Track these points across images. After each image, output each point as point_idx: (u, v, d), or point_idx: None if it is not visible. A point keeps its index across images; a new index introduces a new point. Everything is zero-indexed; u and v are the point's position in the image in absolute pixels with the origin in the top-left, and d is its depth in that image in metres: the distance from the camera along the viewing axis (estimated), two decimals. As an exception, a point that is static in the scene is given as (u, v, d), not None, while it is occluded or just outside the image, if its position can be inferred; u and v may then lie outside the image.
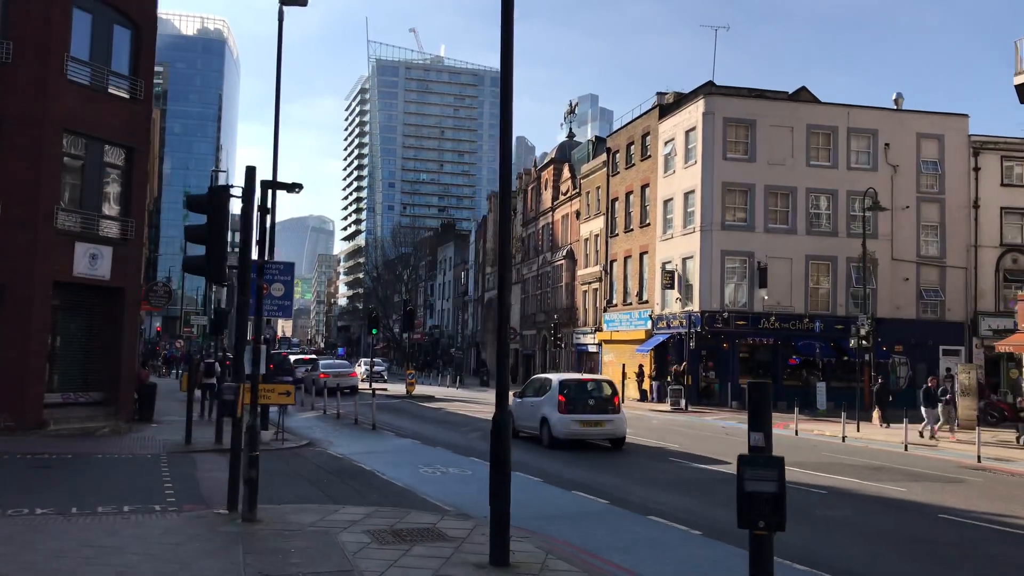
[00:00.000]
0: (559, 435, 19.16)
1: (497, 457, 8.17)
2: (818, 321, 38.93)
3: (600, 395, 19.81)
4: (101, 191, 20.37)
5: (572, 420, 19.05)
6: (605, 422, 19.27)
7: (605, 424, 19.28)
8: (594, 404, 19.44)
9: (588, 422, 19.15)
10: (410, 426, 24.42)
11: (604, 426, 19.30)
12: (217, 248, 10.22)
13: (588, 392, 19.79)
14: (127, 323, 20.71)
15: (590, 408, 19.32)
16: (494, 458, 8.20)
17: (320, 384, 39.31)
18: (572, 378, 20.89)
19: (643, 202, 45.64)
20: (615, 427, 19.44)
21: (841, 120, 40.36)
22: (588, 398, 19.55)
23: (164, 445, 18.52)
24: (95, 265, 19.82)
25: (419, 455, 17.73)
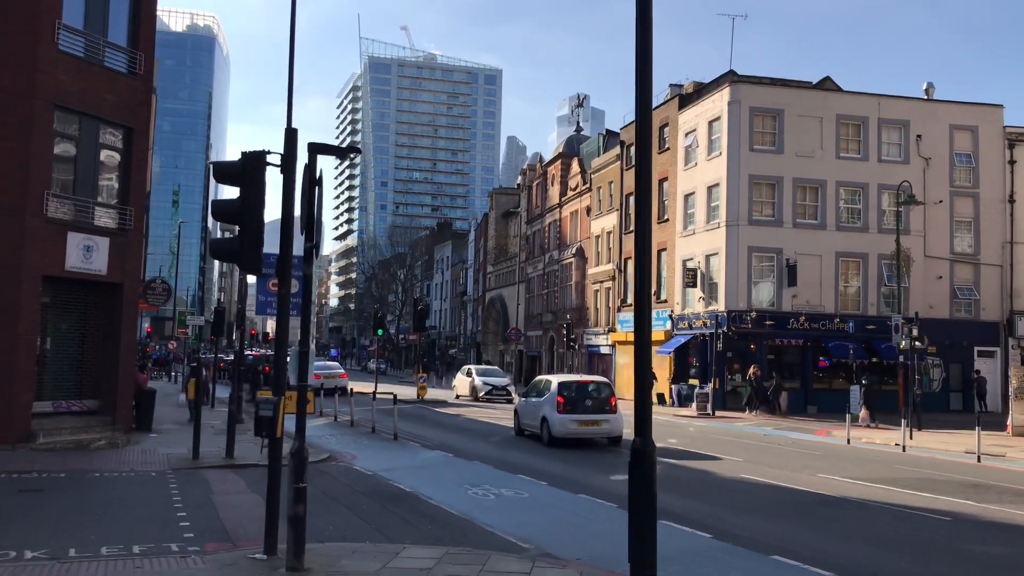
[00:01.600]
0: (557, 434, 20.01)
1: (640, 499, 6.19)
2: (851, 321, 37.01)
3: (597, 396, 20.69)
4: (96, 176, 18.26)
5: (570, 420, 19.96)
6: (602, 422, 20.11)
7: (602, 424, 20.11)
8: (591, 404, 20.37)
9: (585, 422, 20.07)
10: (433, 435, 22.37)
11: (601, 425, 20.12)
12: (252, 229, 8.18)
13: (586, 393, 20.64)
14: (125, 322, 18.59)
15: (587, 408, 20.24)
16: (636, 500, 6.20)
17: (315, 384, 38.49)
18: (570, 379, 21.62)
19: (661, 197, 43.69)
20: (611, 426, 20.16)
21: (871, 110, 38.51)
22: (586, 399, 20.47)
23: (169, 460, 16.44)
24: (90, 258, 17.71)
25: (458, 472, 15.70)
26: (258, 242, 8.25)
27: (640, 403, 6.40)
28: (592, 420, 20.05)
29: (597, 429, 20.12)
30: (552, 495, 13.09)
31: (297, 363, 8.14)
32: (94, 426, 17.85)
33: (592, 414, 20.13)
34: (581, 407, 20.16)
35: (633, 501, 6.24)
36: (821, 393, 37.67)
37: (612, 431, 20.22)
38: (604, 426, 20.09)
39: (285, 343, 8.42)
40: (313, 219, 7.95)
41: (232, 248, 8.29)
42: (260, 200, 8.25)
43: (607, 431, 20.18)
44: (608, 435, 20.28)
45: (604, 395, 20.79)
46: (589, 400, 20.43)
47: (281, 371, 8.47)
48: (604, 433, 20.20)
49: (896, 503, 12.97)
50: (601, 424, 20.08)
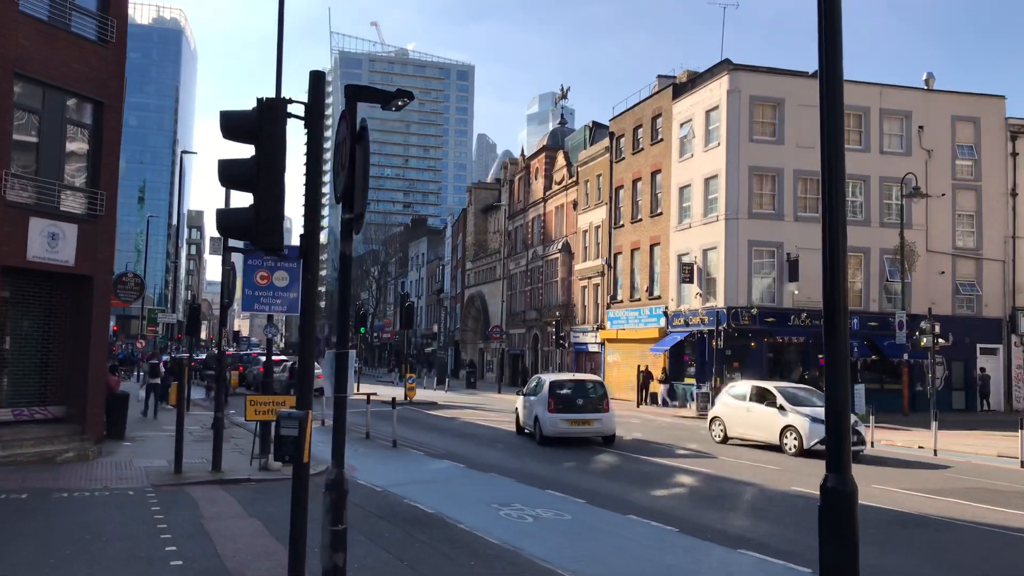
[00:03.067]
0: (548, 433, 20.20)
1: (836, 555, 4.48)
2: (855, 318, 35.73)
3: (590, 395, 20.70)
4: (63, 155, 16.26)
5: (560, 419, 20.14)
6: (593, 421, 20.20)
7: (593, 423, 20.21)
8: (583, 404, 20.35)
9: (576, 421, 20.14)
10: (435, 442, 20.61)
11: (592, 424, 20.22)
12: (270, 196, 6.41)
13: (577, 392, 20.65)
14: (96, 319, 16.61)
15: (579, 408, 20.21)
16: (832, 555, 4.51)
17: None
18: (562, 378, 21.63)
19: (654, 189, 42.18)
20: (603, 426, 20.28)
21: (873, 100, 37.27)
22: (577, 398, 20.46)
23: (147, 474, 14.53)
24: (55, 247, 15.73)
25: (478, 486, 13.96)
26: (277, 212, 6.48)
27: (836, 425, 4.71)
28: (583, 419, 20.10)
29: (588, 428, 20.21)
30: (597, 517, 11.40)
31: (333, 368, 6.33)
32: (61, 436, 15.87)
33: (583, 413, 20.16)
34: (573, 406, 20.25)
35: (827, 557, 4.55)
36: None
37: (604, 430, 20.37)
38: (595, 425, 20.19)
39: (311, 342, 6.64)
40: (354, 184, 6.17)
41: (244, 220, 6.50)
42: (280, 159, 6.47)
43: (598, 430, 20.30)
44: (600, 434, 20.42)
45: (597, 395, 20.76)
46: (581, 399, 20.49)
47: (306, 377, 6.68)
48: (595, 432, 20.30)
49: (983, 522, 11.48)
50: (592, 424, 20.19)
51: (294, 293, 17.93)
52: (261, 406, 15.25)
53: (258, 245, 6.46)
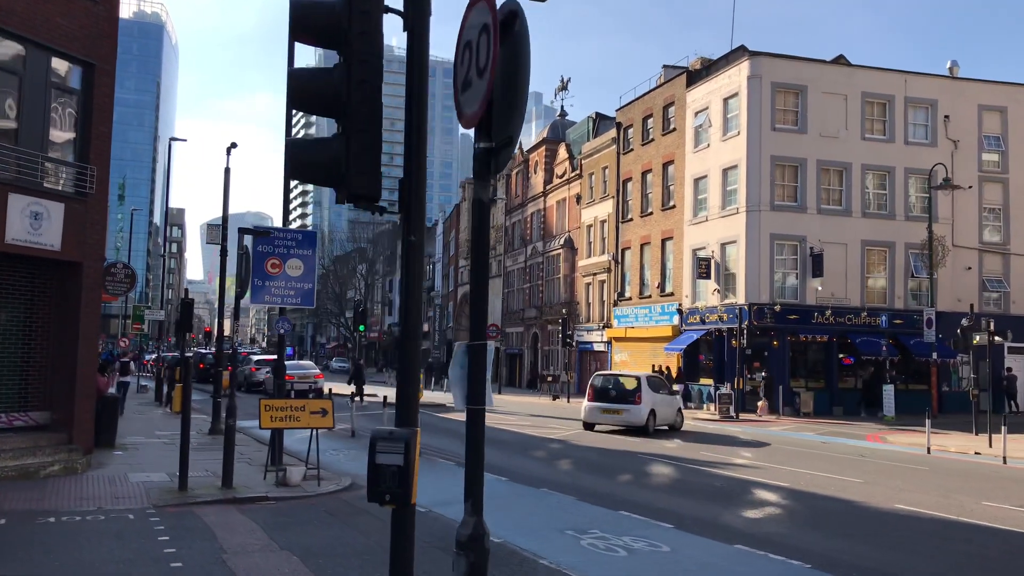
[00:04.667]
0: (586, 419, 23.65)
1: None
2: (883, 315, 34.08)
3: (623, 388, 23.34)
4: (47, 124, 14.16)
5: (595, 407, 23.27)
6: (623, 411, 22.80)
7: (622, 412, 22.80)
8: (616, 395, 23.23)
9: (607, 409, 23.05)
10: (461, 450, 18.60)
11: (621, 414, 22.82)
12: (364, 120, 4.45)
13: (613, 385, 23.68)
14: (86, 312, 14.51)
15: (612, 398, 23.18)
16: None
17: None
18: (604, 374, 25.58)
19: (665, 181, 40.38)
20: (631, 416, 22.64)
21: (897, 88, 35.66)
22: (612, 390, 23.43)
23: (147, 491, 12.48)
24: (39, 228, 13.64)
25: (537, 506, 12.01)
26: (374, 143, 4.54)
27: None
28: (614, 408, 22.91)
29: (618, 417, 22.79)
30: (700, 548, 9.49)
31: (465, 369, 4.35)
32: (45, 446, 13.78)
33: (615, 403, 23.00)
34: (606, 397, 23.20)
35: None
36: (847, 393, 34.77)
37: (632, 420, 22.65)
38: (624, 415, 22.73)
39: (417, 332, 4.68)
40: (499, 95, 4.18)
41: (327, 155, 4.53)
42: (377, 67, 4.56)
43: (627, 420, 22.70)
44: (629, 423, 22.72)
45: (630, 388, 23.11)
46: (615, 391, 23.29)
47: (410, 382, 4.70)
48: (625, 421, 22.75)
49: None
50: (622, 413, 22.78)
51: (308, 284, 15.96)
52: (278, 411, 13.29)
53: (348, 190, 4.50)
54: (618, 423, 22.83)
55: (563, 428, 24.66)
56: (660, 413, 23.57)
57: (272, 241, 15.58)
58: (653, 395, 23.39)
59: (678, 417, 25.08)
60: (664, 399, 24.29)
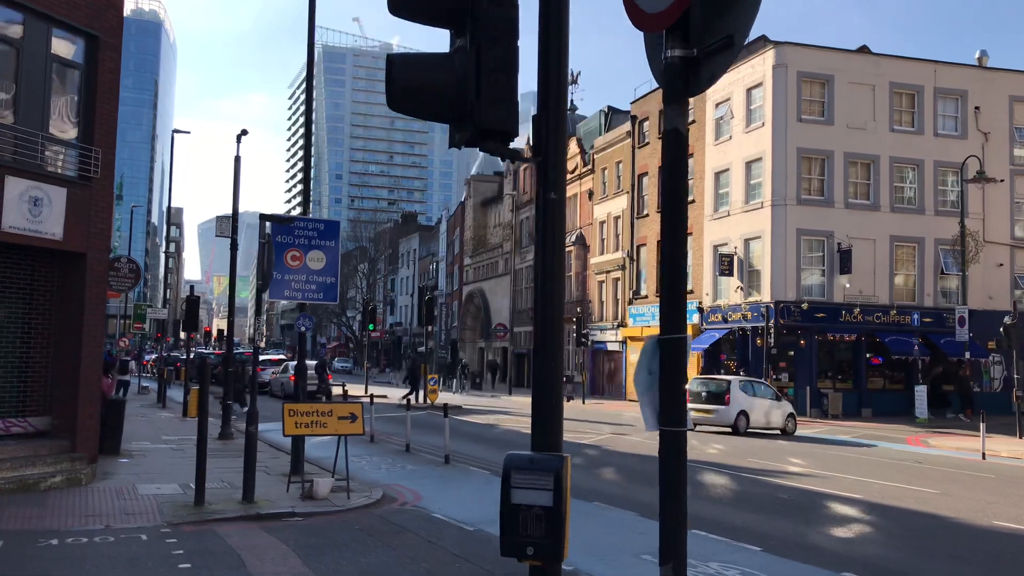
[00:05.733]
0: None
1: None
2: (914, 314, 32.90)
3: (712, 390, 24.54)
4: (47, 100, 12.88)
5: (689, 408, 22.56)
6: (713, 411, 24.01)
7: (713, 413, 24.01)
8: (707, 397, 24.35)
9: (699, 410, 24.02)
10: (492, 456, 17.36)
11: (711, 415, 24.06)
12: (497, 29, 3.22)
13: (705, 388, 24.79)
14: (90, 307, 13.22)
15: (704, 400, 24.27)
16: None
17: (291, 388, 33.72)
18: (700, 377, 26.41)
19: (684, 176, 39.06)
20: (720, 416, 23.91)
21: (927, 79, 34.45)
22: (704, 392, 24.53)
23: (159, 506, 11.22)
24: (39, 215, 12.37)
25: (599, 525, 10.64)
26: (512, 60, 3.28)
27: None
28: (705, 409, 24.02)
29: (709, 417, 24.03)
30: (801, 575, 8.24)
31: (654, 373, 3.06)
32: (46, 455, 12.51)
33: (706, 404, 24.12)
34: (698, 398, 24.16)
35: None
36: (875, 394, 33.57)
37: (721, 421, 23.89)
38: (713, 416, 23.93)
39: (557, 320, 3.44)
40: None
41: (447, 77, 3.29)
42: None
43: (716, 420, 23.93)
44: (718, 424, 23.98)
45: (719, 390, 24.29)
46: (705, 393, 24.36)
47: (551, 391, 3.45)
48: (715, 421, 24.01)
49: None
50: (712, 414, 23.98)
51: (331, 278, 14.71)
52: (303, 417, 12.04)
53: (476, 124, 3.25)
54: (710, 423, 24.10)
55: (592, 432, 23.43)
56: (755, 415, 24.29)
57: (292, 231, 14.34)
58: (746, 397, 24.24)
59: (788, 422, 25.07)
60: (761, 402, 24.77)
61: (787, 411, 25.31)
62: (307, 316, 14.92)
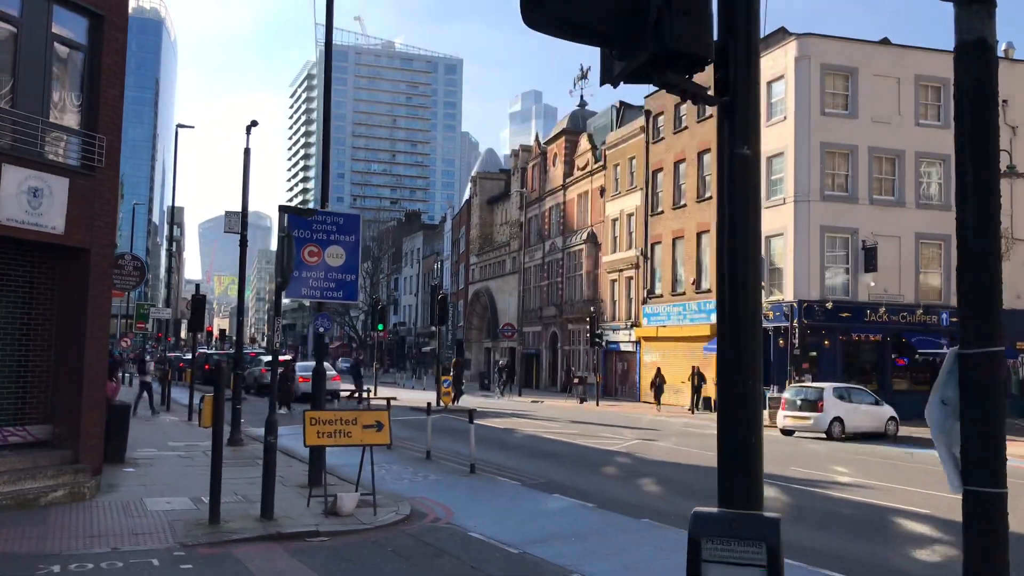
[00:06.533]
0: (779, 425, 25.38)
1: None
2: (943, 313, 31.93)
3: (807, 398, 24.94)
4: (48, 84, 11.92)
5: (785, 415, 25.18)
6: (809, 418, 24.46)
7: (808, 419, 24.45)
8: (802, 404, 24.84)
9: (795, 417, 24.78)
10: (518, 464, 16.42)
11: (807, 421, 24.50)
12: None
13: (800, 395, 25.27)
14: (94, 306, 12.25)
15: (799, 407, 24.87)
16: None
17: (299, 390, 33.19)
18: (796, 385, 26.95)
19: (701, 171, 38.16)
20: (815, 423, 24.27)
21: (952, 71, 33.37)
22: (799, 399, 25.06)
23: (171, 524, 10.25)
24: (39, 207, 11.41)
25: (658, 548, 9.70)
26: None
27: None
28: (800, 416, 24.61)
29: (805, 423, 24.50)
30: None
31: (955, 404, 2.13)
32: (46, 467, 11.54)
33: (801, 411, 24.66)
34: (794, 406, 24.91)
35: None
36: (900, 395, 32.48)
37: (816, 427, 24.30)
38: (808, 422, 24.42)
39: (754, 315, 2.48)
40: None
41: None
42: None
43: (811, 426, 24.38)
44: (813, 430, 24.41)
45: (813, 398, 24.69)
46: (801, 400, 24.96)
47: (749, 421, 2.49)
48: (809, 428, 24.45)
49: None
50: (808, 420, 24.43)
51: (351, 275, 13.72)
52: (325, 426, 11.08)
53: (660, 43, 2.27)
54: (806, 430, 24.59)
55: (617, 437, 22.45)
56: (850, 420, 24.68)
57: (310, 225, 13.39)
58: (840, 403, 24.75)
59: (889, 425, 25.75)
60: (857, 407, 25.26)
61: (887, 415, 25.90)
62: (326, 316, 13.95)
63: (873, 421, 25.46)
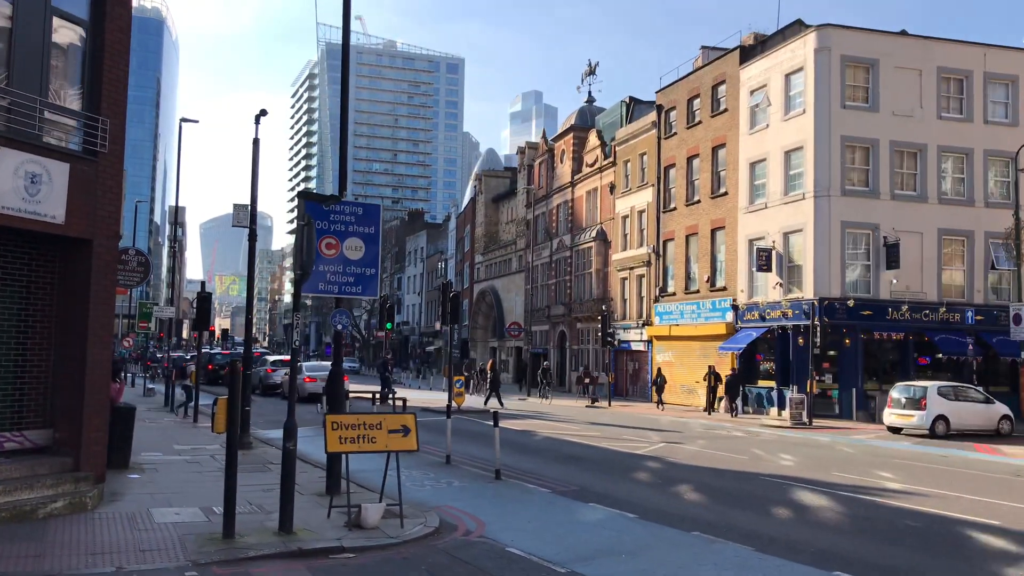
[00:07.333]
0: (886, 423, 26.02)
1: None
2: (967, 311, 31.08)
3: (911, 396, 25.27)
4: (47, 63, 11.07)
5: (892, 413, 25.62)
6: (912, 416, 24.84)
7: (912, 417, 24.83)
8: (906, 402, 25.21)
9: (900, 415, 25.27)
10: (543, 469, 15.55)
11: (911, 419, 24.84)
12: None
13: (905, 394, 25.58)
14: (96, 303, 11.40)
15: (903, 405, 25.29)
16: None
17: (304, 390, 32.49)
18: (901, 384, 26.81)
19: (715, 167, 37.28)
20: (919, 421, 24.53)
21: (976, 63, 32.59)
22: (903, 398, 25.44)
23: (181, 538, 9.39)
24: (36, 194, 10.56)
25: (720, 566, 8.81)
26: None
27: None
28: (905, 414, 25.08)
29: (909, 421, 24.87)
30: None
31: None
32: (45, 475, 10.69)
33: (906, 409, 25.11)
34: (899, 404, 25.44)
35: None
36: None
37: (919, 425, 24.54)
38: (912, 420, 24.76)
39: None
40: None
41: None
42: None
43: (916, 424, 24.65)
44: (916, 428, 24.66)
45: (917, 396, 25.07)
46: (905, 399, 25.33)
47: None
48: (914, 425, 24.70)
49: None
50: (911, 418, 24.82)
51: (371, 269, 12.81)
52: (348, 431, 10.24)
53: None
54: (910, 428, 24.82)
55: (641, 440, 21.58)
56: (956, 419, 24.78)
57: (327, 215, 12.52)
58: (945, 402, 24.85)
59: (1002, 423, 25.56)
60: (964, 405, 25.31)
61: (1000, 413, 25.75)
62: (344, 312, 13.10)
63: (982, 420, 25.41)
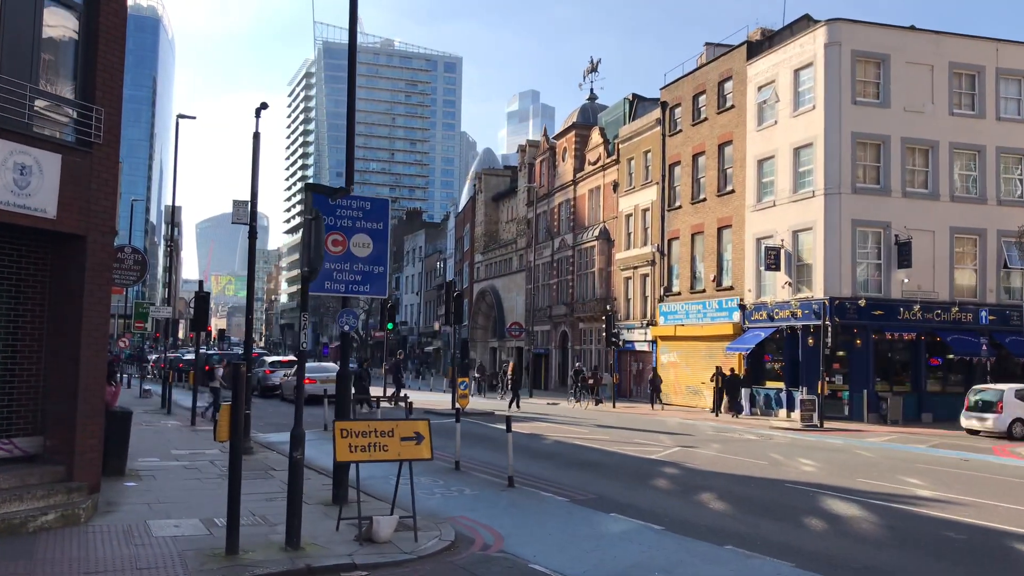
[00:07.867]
0: (963, 425, 26.11)
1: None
2: (983, 311, 30.52)
3: (987, 399, 25.56)
4: (38, 48, 10.43)
5: (967, 415, 25.99)
6: (988, 419, 25.16)
7: (988, 420, 25.15)
8: (983, 406, 25.58)
9: (975, 418, 25.59)
10: (557, 476, 14.93)
11: (987, 422, 25.18)
12: None
13: (981, 397, 25.80)
14: (90, 300, 10.76)
15: (980, 408, 25.63)
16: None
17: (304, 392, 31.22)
18: (978, 388, 26.69)
19: (722, 164, 36.68)
20: (994, 423, 24.91)
21: (988, 58, 32.05)
22: (980, 401, 25.76)
23: (181, 555, 8.75)
24: (26, 187, 9.92)
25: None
26: None
27: None
28: (982, 417, 25.39)
29: (985, 424, 25.19)
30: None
31: None
32: (35, 485, 10.05)
33: (981, 412, 25.52)
34: (975, 406, 25.77)
35: None
36: (935, 397, 31.12)
37: (994, 428, 24.85)
38: (987, 423, 25.07)
39: None
40: None
41: None
42: None
43: (991, 427, 24.97)
44: (991, 430, 24.93)
45: (992, 399, 25.37)
46: (981, 401, 25.69)
47: None
48: (989, 429, 25.00)
49: None
50: (987, 421, 25.13)
51: (380, 267, 12.18)
52: (359, 438, 9.61)
53: None
54: (986, 431, 25.09)
55: (654, 444, 20.94)
56: None
57: (334, 210, 11.88)
58: (1022, 405, 25.09)
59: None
60: None
61: None
62: (351, 312, 12.43)
63: None
